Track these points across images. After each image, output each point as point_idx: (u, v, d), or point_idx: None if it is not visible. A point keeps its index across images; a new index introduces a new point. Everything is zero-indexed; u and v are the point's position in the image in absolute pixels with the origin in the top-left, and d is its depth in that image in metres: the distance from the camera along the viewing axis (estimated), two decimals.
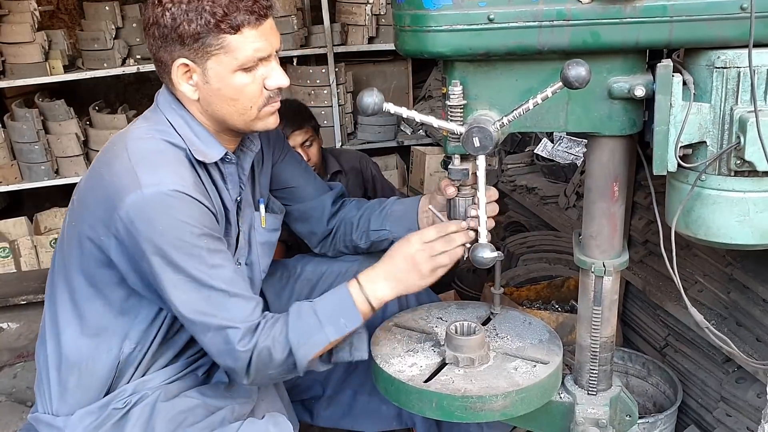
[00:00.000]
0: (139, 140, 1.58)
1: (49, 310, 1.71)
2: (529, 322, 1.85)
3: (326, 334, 1.58)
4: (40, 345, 1.74)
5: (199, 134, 1.62)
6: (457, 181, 1.56)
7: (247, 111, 1.60)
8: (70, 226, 1.65)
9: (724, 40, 1.29)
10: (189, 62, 1.54)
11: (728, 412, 2.14)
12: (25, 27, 4.07)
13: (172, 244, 1.49)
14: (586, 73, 1.29)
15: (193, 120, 1.62)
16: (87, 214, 1.58)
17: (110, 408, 1.64)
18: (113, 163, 1.54)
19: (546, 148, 3.54)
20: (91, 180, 1.61)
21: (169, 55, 1.55)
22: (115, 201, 1.49)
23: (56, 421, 1.66)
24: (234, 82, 1.55)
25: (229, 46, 1.52)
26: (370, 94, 1.40)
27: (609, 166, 1.51)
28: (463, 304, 1.98)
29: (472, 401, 1.55)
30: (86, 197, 1.61)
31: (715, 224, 1.39)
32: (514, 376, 1.62)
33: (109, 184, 1.52)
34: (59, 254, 1.69)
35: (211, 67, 1.54)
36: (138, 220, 1.48)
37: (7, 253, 4.12)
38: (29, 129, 4.10)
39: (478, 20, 1.34)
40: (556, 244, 3.20)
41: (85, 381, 1.66)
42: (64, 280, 1.66)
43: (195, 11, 1.49)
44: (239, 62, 1.53)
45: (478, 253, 1.48)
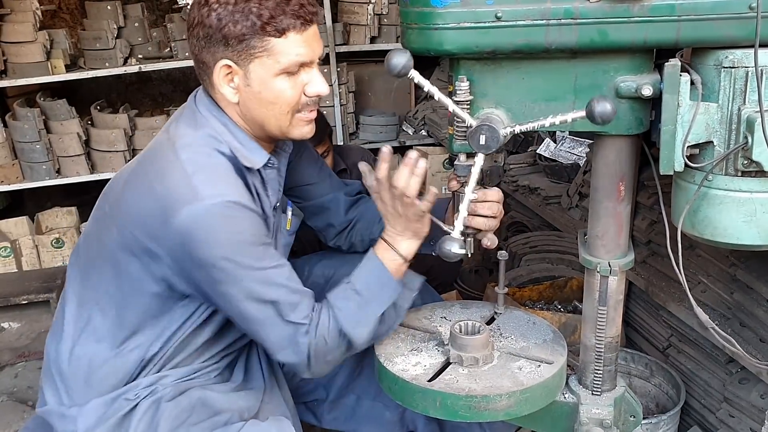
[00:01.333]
0: (190, 149, 1.56)
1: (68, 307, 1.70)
2: (533, 322, 1.84)
3: (373, 310, 1.63)
4: (52, 341, 1.73)
5: (242, 140, 1.62)
6: (462, 178, 1.55)
7: (284, 116, 1.60)
8: (105, 229, 1.63)
9: (732, 40, 1.29)
10: (232, 64, 1.53)
11: (731, 413, 2.14)
12: (27, 26, 4.07)
13: (230, 254, 1.49)
14: (612, 110, 1.29)
15: (235, 126, 1.62)
16: (132, 220, 1.56)
17: (121, 399, 1.64)
18: (166, 174, 1.52)
19: (549, 148, 3.54)
20: (137, 188, 1.58)
21: (212, 57, 1.54)
22: (169, 212, 1.47)
23: (69, 411, 1.66)
24: (275, 86, 1.55)
25: (273, 49, 1.52)
26: (402, 54, 1.37)
27: (615, 165, 1.51)
28: (467, 303, 1.98)
29: (476, 401, 1.54)
30: (132, 205, 1.57)
31: (721, 224, 1.39)
32: (519, 375, 1.62)
33: (163, 195, 1.50)
34: (86, 254, 1.68)
35: (254, 69, 1.53)
36: (197, 231, 1.47)
37: (8, 253, 4.11)
38: (31, 128, 4.10)
39: (485, 18, 1.33)
40: (559, 244, 3.20)
41: (109, 377, 1.66)
42: (93, 280, 1.66)
43: (241, 12, 1.49)
44: (282, 66, 1.53)
45: (445, 245, 1.46)
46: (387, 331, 1.71)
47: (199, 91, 1.67)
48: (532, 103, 1.45)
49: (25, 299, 3.83)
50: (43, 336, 3.60)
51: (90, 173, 4.30)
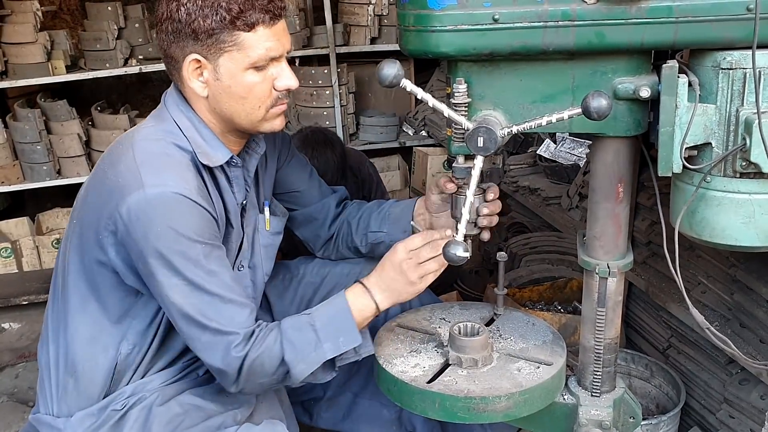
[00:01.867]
0: (145, 141, 1.58)
1: (50, 310, 1.72)
2: (532, 323, 1.84)
3: (324, 352, 1.59)
4: (41, 345, 1.74)
5: (206, 136, 1.62)
6: (460, 180, 1.55)
7: (255, 111, 1.60)
8: (71, 226, 1.65)
9: (729, 41, 1.29)
10: (201, 58, 1.54)
11: (731, 414, 2.14)
12: (27, 27, 4.07)
13: (170, 246, 1.49)
14: (607, 105, 1.29)
15: (200, 122, 1.62)
16: (89, 212, 1.59)
17: (109, 410, 1.64)
18: (118, 163, 1.54)
19: (549, 149, 3.54)
20: (95, 179, 1.62)
21: (181, 51, 1.55)
22: (117, 199, 1.49)
23: (56, 422, 1.66)
24: (245, 80, 1.55)
25: (243, 43, 1.52)
26: (391, 65, 1.36)
27: (614, 166, 1.51)
28: (467, 304, 1.98)
29: (475, 402, 1.54)
30: (89, 196, 1.61)
31: (719, 226, 1.38)
32: (518, 377, 1.62)
33: (113, 183, 1.52)
34: (61, 255, 1.69)
35: (223, 63, 1.54)
36: (138, 219, 1.47)
37: (9, 254, 4.12)
38: (31, 129, 4.10)
39: (482, 20, 1.33)
40: (559, 245, 3.20)
41: (83, 383, 1.65)
42: (64, 281, 1.66)
43: (210, 7, 1.49)
44: (251, 60, 1.53)
45: (450, 249, 1.46)
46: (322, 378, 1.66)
47: (169, 89, 1.68)
48: (530, 105, 1.45)
49: (25, 300, 3.83)
50: None
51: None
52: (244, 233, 1.78)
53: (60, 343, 1.67)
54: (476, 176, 1.47)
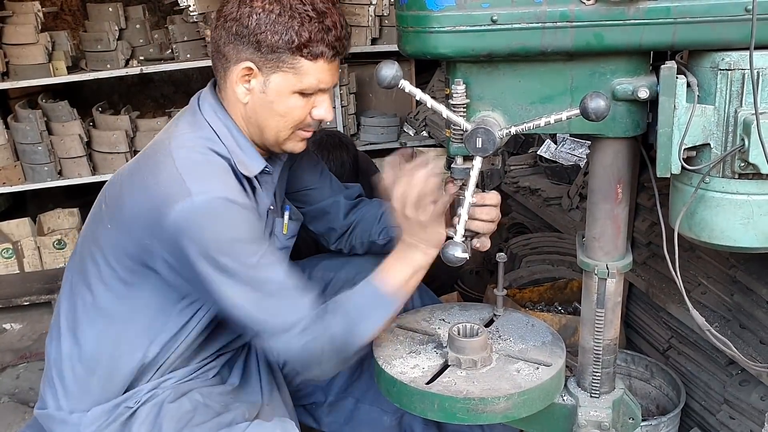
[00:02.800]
0: (185, 149, 1.57)
1: (67, 307, 1.70)
2: (532, 324, 1.84)
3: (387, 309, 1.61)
4: (51, 341, 1.73)
5: (242, 145, 1.64)
6: (459, 180, 1.55)
7: (286, 130, 1.64)
8: (100, 227, 1.64)
9: (727, 42, 1.29)
10: (255, 68, 1.56)
11: (731, 415, 2.14)
12: (28, 28, 4.08)
13: (223, 250, 1.49)
14: (605, 106, 1.29)
15: (237, 130, 1.64)
16: (126, 218, 1.58)
17: (122, 406, 1.65)
18: (159, 172, 1.54)
19: (549, 150, 3.54)
20: (132, 185, 1.60)
21: (236, 54, 1.57)
22: (162, 209, 1.48)
23: (71, 417, 1.66)
24: (288, 102, 1.59)
25: (301, 69, 1.56)
26: (390, 66, 1.37)
27: (613, 167, 1.50)
28: (466, 305, 1.98)
29: (474, 403, 1.54)
30: (126, 202, 1.59)
31: (718, 227, 1.38)
32: (517, 378, 1.61)
33: (156, 193, 1.51)
34: (82, 255, 1.69)
35: (275, 80, 1.57)
36: (188, 227, 1.47)
37: (10, 254, 4.12)
38: (32, 130, 4.11)
39: (481, 21, 1.33)
40: (559, 245, 3.20)
41: (105, 381, 1.66)
42: (88, 280, 1.66)
43: (283, 26, 1.52)
44: (302, 86, 1.58)
45: (448, 250, 1.46)
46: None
47: (203, 92, 1.68)
48: (529, 106, 1.45)
49: (26, 300, 3.84)
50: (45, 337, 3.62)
51: (91, 175, 4.30)
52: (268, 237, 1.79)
53: (80, 340, 1.66)
54: (474, 177, 1.47)
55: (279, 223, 1.86)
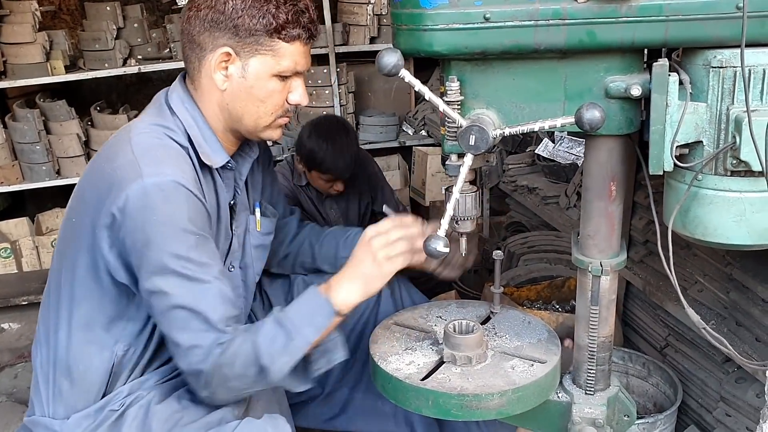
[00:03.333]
0: (142, 135, 1.59)
1: (43, 312, 1.71)
2: (528, 321, 1.85)
3: (304, 338, 1.54)
4: (35, 347, 1.74)
5: (207, 138, 1.65)
6: (454, 177, 1.55)
7: (266, 116, 1.65)
8: (67, 224, 1.65)
9: (719, 40, 1.29)
10: (233, 52, 1.58)
11: (728, 412, 2.14)
12: (26, 27, 4.08)
13: (165, 234, 1.49)
14: (600, 117, 1.30)
15: (204, 122, 1.65)
16: (85, 208, 1.59)
17: (106, 410, 1.64)
18: (115, 158, 1.55)
19: (547, 149, 3.54)
20: (91, 175, 1.62)
21: (213, 41, 1.58)
22: (115, 192, 1.49)
23: (53, 424, 1.66)
24: (267, 85, 1.61)
25: (279, 51, 1.59)
26: (392, 54, 1.37)
27: (607, 165, 1.51)
28: (464, 303, 1.98)
29: (468, 399, 1.55)
30: (86, 192, 1.61)
31: (711, 224, 1.39)
32: (511, 374, 1.62)
33: (111, 177, 1.52)
34: (56, 256, 1.70)
35: (253, 63, 1.59)
36: (135, 208, 1.48)
37: (8, 254, 4.13)
38: (30, 129, 4.11)
39: (474, 19, 1.34)
40: (557, 244, 3.20)
41: (79, 385, 1.65)
42: (58, 282, 1.66)
43: (259, 10, 1.55)
44: (280, 68, 1.60)
45: (431, 243, 1.46)
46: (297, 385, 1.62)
47: (172, 85, 1.70)
48: (523, 104, 1.45)
49: (25, 300, 3.85)
50: None
51: None
52: (234, 234, 1.79)
53: (52, 345, 1.67)
54: (464, 173, 1.47)
55: (252, 220, 1.86)
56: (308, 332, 1.55)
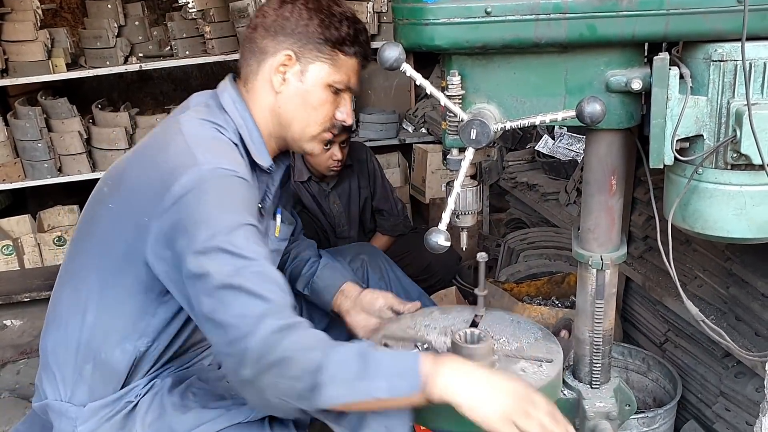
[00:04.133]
0: (194, 127, 1.62)
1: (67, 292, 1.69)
2: (517, 321, 1.81)
3: (373, 388, 1.35)
4: (48, 331, 1.72)
5: (255, 139, 1.69)
6: (455, 172, 1.56)
7: (314, 126, 1.72)
8: (103, 210, 1.64)
9: (720, 34, 1.30)
10: (294, 57, 1.65)
11: (727, 407, 2.15)
12: (27, 25, 4.09)
13: (218, 215, 1.47)
14: (601, 111, 1.31)
15: (253, 124, 1.70)
16: (130, 196, 1.58)
17: (124, 401, 1.65)
18: (167, 147, 1.57)
19: (547, 145, 3.55)
20: (140, 164, 1.62)
21: (277, 45, 1.66)
22: (170, 180, 1.49)
23: (69, 410, 1.65)
24: (321, 93, 1.69)
25: (338, 62, 1.68)
26: (393, 48, 1.35)
27: (607, 159, 1.51)
28: (446, 309, 1.90)
29: None
30: (132, 181, 1.60)
31: (711, 218, 1.39)
32: (525, 378, 1.57)
33: (164, 166, 1.53)
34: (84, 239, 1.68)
35: (313, 69, 1.67)
36: (192, 193, 1.47)
37: (10, 251, 4.14)
38: (32, 127, 4.12)
39: (475, 13, 1.34)
40: (557, 240, 3.21)
41: (101, 370, 1.65)
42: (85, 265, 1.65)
43: (323, 20, 1.65)
44: (335, 79, 1.69)
45: (431, 237, 1.43)
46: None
47: (222, 84, 1.73)
48: (524, 98, 1.46)
49: (27, 297, 3.85)
50: None
51: (91, 171, 4.31)
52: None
53: (74, 326, 1.65)
54: (465, 167, 1.47)
55: (272, 225, 1.88)
56: (380, 385, 1.35)
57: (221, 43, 4.29)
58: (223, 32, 4.30)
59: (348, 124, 1.76)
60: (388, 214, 3.39)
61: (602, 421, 1.65)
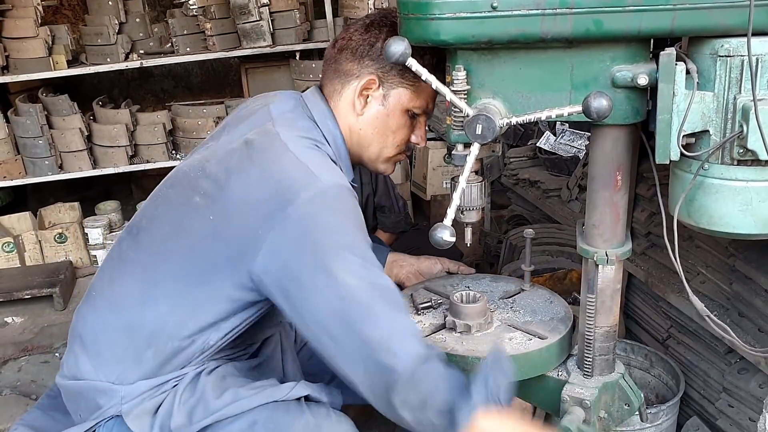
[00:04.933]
0: (299, 143, 1.61)
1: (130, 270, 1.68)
2: (551, 300, 1.90)
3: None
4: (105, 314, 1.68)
5: (342, 156, 1.73)
6: (460, 168, 1.56)
7: (390, 148, 1.77)
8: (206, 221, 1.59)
9: (726, 29, 1.29)
10: (378, 81, 1.69)
11: (730, 403, 2.15)
12: (28, 22, 4.09)
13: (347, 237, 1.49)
14: (608, 106, 1.31)
15: (343, 143, 1.73)
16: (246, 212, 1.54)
17: (168, 383, 1.64)
18: (280, 162, 1.55)
19: (548, 142, 3.54)
20: (249, 176, 1.57)
21: (363, 69, 1.70)
22: (287, 196, 1.49)
23: (115, 388, 1.64)
24: (400, 118, 1.73)
25: (419, 88, 1.71)
26: (399, 42, 1.36)
27: (612, 155, 1.51)
28: (497, 278, 2.04)
29: (454, 359, 1.61)
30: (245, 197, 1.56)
31: (717, 213, 1.39)
32: (509, 345, 1.67)
33: (280, 181, 1.52)
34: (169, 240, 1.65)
35: (395, 94, 1.71)
36: (317, 211, 1.48)
37: (11, 248, 4.13)
38: (33, 124, 4.12)
39: (481, 8, 1.34)
40: (559, 236, 3.20)
41: (162, 358, 1.64)
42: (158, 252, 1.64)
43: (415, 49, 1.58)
44: (414, 104, 1.73)
45: (437, 233, 1.44)
46: None
47: (308, 95, 1.76)
48: (529, 93, 1.45)
49: (28, 294, 3.85)
50: (47, 330, 3.64)
51: (92, 168, 4.31)
52: None
53: (136, 309, 1.64)
54: (470, 163, 1.47)
55: None
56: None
57: (222, 39, 4.29)
58: (223, 29, 4.30)
59: (421, 146, 1.81)
60: (390, 211, 3.38)
61: (574, 407, 1.66)
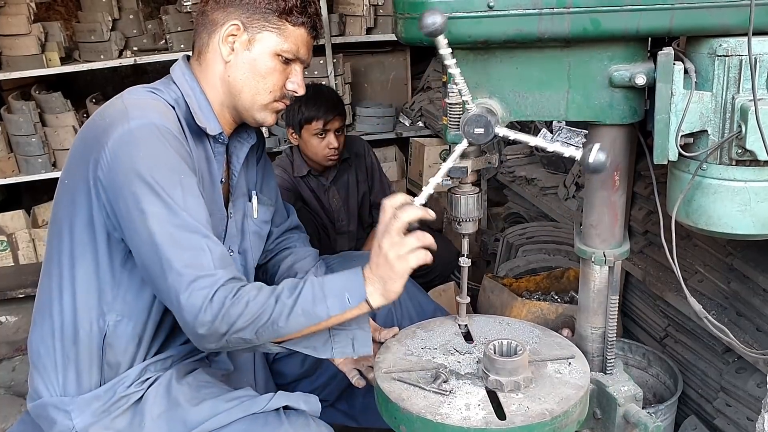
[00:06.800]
0: (135, 92, 1.66)
1: (44, 281, 1.68)
2: (507, 323, 1.80)
3: (326, 308, 1.52)
4: (34, 328, 1.70)
5: (202, 106, 1.70)
6: (456, 180, 1.55)
7: (263, 94, 1.71)
8: (62, 188, 1.65)
9: (725, 28, 1.28)
10: (241, 26, 1.67)
11: (728, 402, 2.14)
12: (21, 19, 4.05)
13: (151, 171, 1.49)
14: (605, 161, 1.31)
15: (201, 92, 1.71)
16: (77, 163, 1.59)
17: (118, 394, 1.62)
18: (106, 112, 1.60)
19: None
20: (83, 132, 1.64)
21: (226, 16, 1.68)
22: (103, 139, 1.52)
23: (64, 403, 1.62)
24: (269, 62, 1.69)
25: (285, 31, 1.68)
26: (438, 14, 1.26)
27: (610, 155, 1.50)
28: (423, 325, 1.82)
29: (559, 420, 1.43)
30: (77, 149, 1.62)
31: (715, 214, 1.38)
32: (568, 379, 1.53)
33: (100, 127, 1.56)
34: (53, 224, 1.67)
35: (260, 38, 1.68)
36: (122, 149, 1.51)
37: (4, 247, 4.11)
38: (26, 121, 4.09)
39: (477, 7, 1.33)
40: (556, 234, 3.20)
41: (83, 353, 1.63)
42: (58, 249, 1.64)
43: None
44: (283, 48, 1.69)
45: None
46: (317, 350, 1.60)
47: (179, 61, 1.77)
48: (526, 93, 1.44)
49: (21, 293, 3.83)
50: None
51: None
52: (231, 217, 1.81)
53: (57, 312, 1.63)
54: (456, 154, 1.47)
55: (249, 207, 1.90)
56: (332, 303, 1.52)
57: None
58: None
59: (299, 94, 1.76)
60: None
61: (630, 404, 1.61)
